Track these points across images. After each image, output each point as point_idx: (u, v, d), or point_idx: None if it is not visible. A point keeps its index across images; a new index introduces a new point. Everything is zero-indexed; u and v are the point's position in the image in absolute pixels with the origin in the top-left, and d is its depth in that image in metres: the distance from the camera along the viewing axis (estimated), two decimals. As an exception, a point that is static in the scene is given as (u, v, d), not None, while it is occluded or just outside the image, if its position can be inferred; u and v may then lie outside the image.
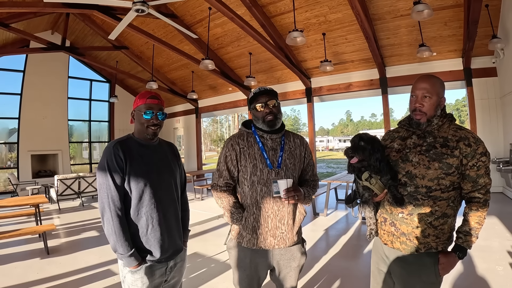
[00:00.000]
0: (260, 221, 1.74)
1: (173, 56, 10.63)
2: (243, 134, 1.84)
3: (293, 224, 1.78)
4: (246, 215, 1.76)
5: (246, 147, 1.78)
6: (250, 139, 1.81)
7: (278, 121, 1.79)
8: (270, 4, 7.31)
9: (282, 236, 1.74)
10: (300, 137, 1.93)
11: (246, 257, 1.78)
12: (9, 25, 8.06)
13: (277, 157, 1.78)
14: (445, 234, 1.53)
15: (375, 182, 1.56)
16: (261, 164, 1.75)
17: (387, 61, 8.59)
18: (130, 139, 1.70)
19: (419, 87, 1.54)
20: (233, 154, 1.78)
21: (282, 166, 1.76)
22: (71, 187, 8.09)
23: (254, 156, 1.76)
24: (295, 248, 1.81)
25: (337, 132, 77.61)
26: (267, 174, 1.74)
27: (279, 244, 1.74)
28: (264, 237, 1.73)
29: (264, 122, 1.77)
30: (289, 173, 1.77)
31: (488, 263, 3.50)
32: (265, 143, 1.80)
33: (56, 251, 4.51)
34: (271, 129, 1.78)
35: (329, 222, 5.79)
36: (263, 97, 1.77)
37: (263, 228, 1.73)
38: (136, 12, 5.26)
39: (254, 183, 1.75)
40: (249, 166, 1.75)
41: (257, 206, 1.75)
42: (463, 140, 1.48)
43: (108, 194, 1.55)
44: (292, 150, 1.83)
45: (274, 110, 1.77)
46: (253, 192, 1.75)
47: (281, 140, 1.83)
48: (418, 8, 4.79)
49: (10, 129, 12.19)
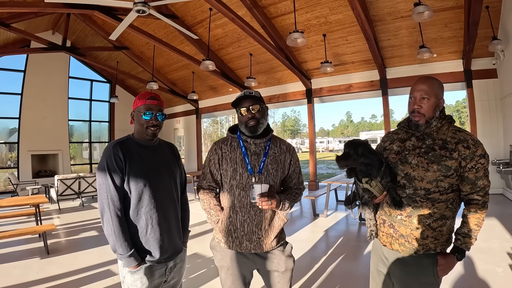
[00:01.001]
0: (236, 225, 1.74)
1: (173, 57, 10.63)
2: (227, 139, 1.86)
3: (270, 230, 1.77)
4: (222, 218, 1.77)
5: (229, 151, 1.80)
6: (234, 143, 1.83)
7: (260, 126, 1.77)
8: (270, 5, 7.32)
9: (259, 241, 1.74)
10: (287, 143, 1.92)
11: (226, 257, 1.79)
12: (10, 25, 8.08)
13: (260, 162, 1.77)
14: (444, 235, 1.53)
15: (375, 185, 1.56)
16: (241, 169, 1.75)
17: (388, 62, 8.59)
18: (130, 140, 1.70)
19: (417, 89, 1.54)
20: (215, 158, 1.81)
21: (263, 171, 1.76)
22: (71, 187, 8.09)
23: (235, 160, 1.77)
24: (275, 252, 1.79)
25: (337, 133, 77.64)
26: (246, 179, 1.74)
27: (256, 249, 1.74)
28: (240, 240, 1.74)
29: (246, 127, 1.77)
30: (270, 178, 1.77)
31: (488, 264, 3.50)
32: (248, 148, 1.80)
33: (56, 251, 4.52)
34: (252, 134, 1.78)
35: (329, 223, 5.79)
36: (247, 102, 1.76)
37: (239, 232, 1.74)
38: (137, 12, 5.26)
39: (232, 187, 1.76)
40: (229, 170, 1.77)
41: (233, 210, 1.75)
42: (462, 142, 1.48)
43: (108, 195, 1.55)
44: (276, 156, 1.82)
45: (257, 115, 1.75)
46: (231, 195, 1.76)
47: (266, 145, 1.82)
48: (418, 9, 4.80)
49: (10, 129, 12.21)
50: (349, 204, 1.78)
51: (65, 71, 12.60)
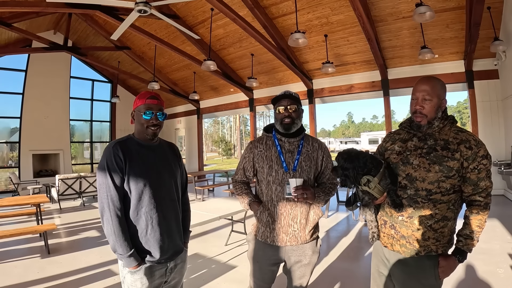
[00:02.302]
0: (273, 218, 1.86)
1: (175, 57, 10.65)
2: (263, 138, 2.00)
3: (306, 223, 1.86)
4: (261, 209, 1.90)
5: (264, 150, 1.94)
6: (269, 142, 1.96)
7: (294, 126, 1.88)
8: (272, 6, 7.32)
9: (294, 234, 1.84)
10: (319, 141, 2.01)
11: (260, 250, 1.92)
12: (11, 25, 8.10)
13: (294, 159, 1.88)
14: (445, 237, 1.51)
15: (374, 186, 1.54)
16: (277, 166, 1.87)
17: (389, 63, 8.58)
18: (130, 140, 1.69)
19: (419, 89, 1.53)
20: (250, 156, 1.98)
21: (297, 168, 1.87)
22: (72, 187, 8.10)
23: (271, 158, 1.90)
24: (307, 246, 1.88)
25: (338, 134, 77.53)
26: (282, 175, 1.86)
27: (291, 241, 1.84)
28: (276, 232, 1.85)
29: (281, 124, 1.88)
30: (304, 175, 1.87)
31: (489, 265, 3.49)
32: (282, 146, 1.92)
33: (57, 250, 4.52)
34: (286, 131, 1.89)
35: (330, 224, 5.78)
36: (285, 101, 1.87)
37: (276, 225, 1.85)
38: (139, 12, 5.26)
39: (269, 183, 1.88)
40: (265, 167, 1.90)
41: (271, 204, 1.88)
42: (464, 142, 1.47)
43: (108, 194, 1.55)
44: (309, 153, 1.92)
45: (293, 115, 1.87)
46: (268, 190, 1.89)
47: (299, 143, 1.93)
48: (420, 10, 4.79)
49: (11, 128, 12.23)
50: (350, 206, 1.77)
51: (67, 71, 12.62)
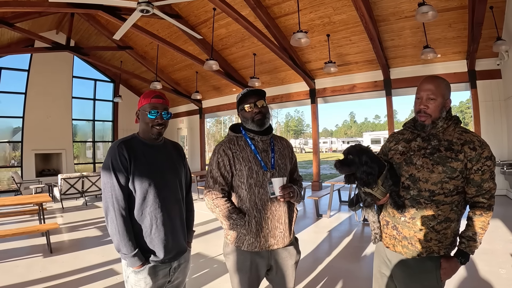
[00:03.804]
0: (261, 224, 1.73)
1: (177, 57, 10.65)
2: (233, 139, 1.83)
3: (289, 223, 1.81)
4: (248, 219, 1.72)
5: (239, 151, 1.78)
6: (241, 142, 1.81)
7: (267, 121, 1.81)
8: (274, 5, 7.31)
9: (281, 235, 1.76)
10: (285, 139, 2.00)
11: (246, 260, 1.75)
12: (14, 25, 8.12)
13: (270, 158, 1.81)
14: (448, 238, 1.50)
15: (377, 189, 1.53)
16: (256, 166, 1.75)
17: (391, 62, 8.55)
18: (135, 139, 1.69)
19: (424, 89, 1.52)
20: (225, 160, 1.76)
21: (275, 167, 1.79)
22: (74, 186, 8.12)
23: (248, 158, 1.76)
24: (291, 246, 1.84)
25: (340, 134, 77.53)
26: (262, 176, 1.75)
27: (278, 243, 1.76)
28: (266, 238, 1.74)
29: (253, 122, 1.77)
30: (282, 173, 1.82)
31: (491, 266, 3.48)
32: (256, 145, 1.81)
33: (59, 249, 4.54)
34: (260, 128, 1.79)
35: (332, 224, 5.78)
36: (252, 98, 1.79)
37: (265, 230, 1.73)
38: (141, 12, 5.28)
39: (251, 186, 1.74)
40: (244, 169, 1.74)
41: (256, 209, 1.73)
42: (468, 143, 1.45)
43: (112, 194, 1.55)
44: (281, 151, 1.88)
45: (263, 110, 1.79)
46: (251, 195, 1.74)
47: (271, 141, 1.86)
48: (422, 9, 4.78)
49: (14, 128, 12.27)
50: (353, 206, 1.76)
51: (69, 71, 12.66)
